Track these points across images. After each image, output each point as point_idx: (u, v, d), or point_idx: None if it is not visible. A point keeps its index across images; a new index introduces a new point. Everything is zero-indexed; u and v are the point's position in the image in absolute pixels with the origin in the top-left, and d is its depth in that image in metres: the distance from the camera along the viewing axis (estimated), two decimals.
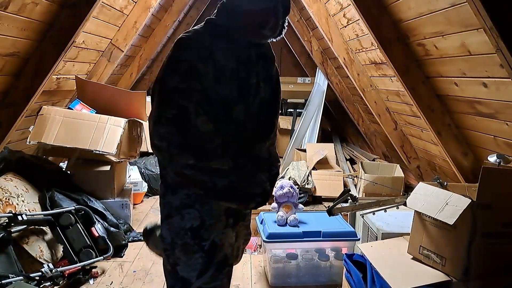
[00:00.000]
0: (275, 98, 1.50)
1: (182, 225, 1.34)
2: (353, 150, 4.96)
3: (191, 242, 1.34)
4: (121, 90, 3.70)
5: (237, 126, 1.34)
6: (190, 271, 1.35)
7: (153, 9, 3.45)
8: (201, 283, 1.36)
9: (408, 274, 1.71)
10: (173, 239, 1.36)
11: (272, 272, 2.45)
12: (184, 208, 1.34)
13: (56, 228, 2.37)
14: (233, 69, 1.30)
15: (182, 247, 1.35)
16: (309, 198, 3.40)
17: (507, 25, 1.45)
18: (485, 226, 1.58)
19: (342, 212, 2.24)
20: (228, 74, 1.29)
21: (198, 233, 1.34)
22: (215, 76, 1.26)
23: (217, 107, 1.28)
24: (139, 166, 4.02)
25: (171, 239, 1.36)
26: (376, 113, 3.38)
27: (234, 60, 1.31)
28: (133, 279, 2.46)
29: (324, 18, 3.34)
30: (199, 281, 1.35)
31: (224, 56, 1.28)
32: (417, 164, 3.20)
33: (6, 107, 2.50)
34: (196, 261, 1.35)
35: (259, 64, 1.40)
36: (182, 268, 1.36)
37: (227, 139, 1.30)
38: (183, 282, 1.37)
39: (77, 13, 2.36)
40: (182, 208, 1.35)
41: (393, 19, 2.26)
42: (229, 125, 1.31)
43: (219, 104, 1.28)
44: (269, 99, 1.44)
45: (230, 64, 1.29)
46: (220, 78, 1.27)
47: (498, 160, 1.79)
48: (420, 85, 2.33)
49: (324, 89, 4.75)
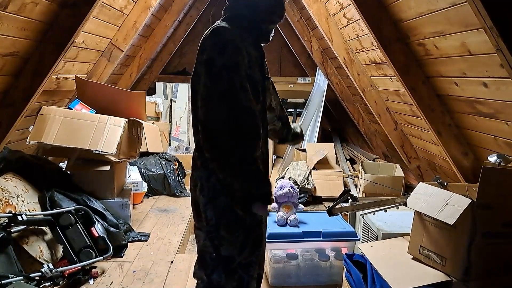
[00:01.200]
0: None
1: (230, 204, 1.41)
2: (353, 150, 4.96)
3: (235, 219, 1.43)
4: (121, 90, 3.70)
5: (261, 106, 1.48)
6: (233, 248, 1.44)
7: (153, 9, 3.45)
8: (242, 258, 1.45)
9: (408, 274, 1.71)
10: (218, 219, 1.43)
11: (272, 272, 2.45)
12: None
13: (56, 228, 2.37)
14: (256, 56, 1.45)
15: (226, 225, 1.43)
16: (309, 198, 3.40)
17: (507, 25, 1.45)
18: (485, 226, 1.58)
19: (342, 212, 2.24)
20: (254, 59, 1.43)
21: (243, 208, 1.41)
22: (248, 60, 1.38)
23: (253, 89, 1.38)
24: (139, 166, 4.02)
25: (216, 220, 1.43)
26: (376, 113, 3.37)
27: (254, 48, 1.46)
28: (133, 279, 2.45)
29: (324, 18, 3.34)
30: (240, 257, 1.45)
31: (248, 43, 1.43)
32: (417, 164, 3.20)
33: (6, 107, 2.50)
34: (239, 237, 1.44)
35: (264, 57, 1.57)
36: (226, 247, 1.44)
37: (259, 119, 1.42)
38: (226, 261, 1.45)
39: (77, 13, 2.36)
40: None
41: (393, 19, 2.26)
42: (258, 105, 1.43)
43: (254, 86, 1.40)
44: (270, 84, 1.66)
45: (253, 51, 1.44)
46: (250, 62, 1.39)
47: (498, 160, 1.79)
48: (420, 85, 2.33)
49: (324, 89, 4.75)
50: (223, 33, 1.38)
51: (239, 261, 1.44)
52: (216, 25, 1.41)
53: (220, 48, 1.34)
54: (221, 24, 1.41)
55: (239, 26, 1.43)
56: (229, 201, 1.40)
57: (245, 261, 1.46)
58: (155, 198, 4.00)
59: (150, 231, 3.15)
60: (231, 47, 1.34)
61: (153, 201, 3.90)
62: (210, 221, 1.44)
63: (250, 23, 1.47)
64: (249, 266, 1.47)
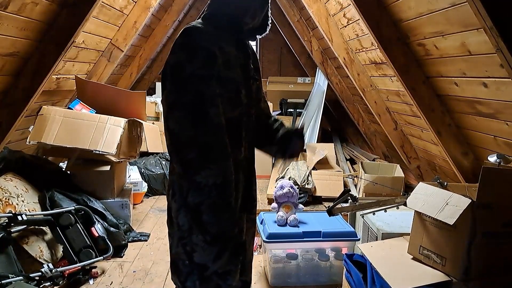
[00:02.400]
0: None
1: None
2: (353, 150, 4.96)
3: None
4: (121, 90, 3.70)
5: (245, 109, 1.41)
6: (207, 255, 1.36)
7: (153, 9, 3.45)
8: (217, 267, 1.37)
9: (408, 274, 1.71)
10: (190, 225, 1.37)
11: (272, 272, 2.45)
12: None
13: (56, 228, 2.37)
14: (237, 56, 1.38)
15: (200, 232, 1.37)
16: (309, 198, 3.39)
17: (507, 25, 1.45)
18: (485, 226, 1.58)
19: (342, 212, 2.24)
20: (234, 59, 1.35)
21: None
22: (224, 61, 1.30)
23: (230, 90, 1.33)
24: (139, 166, 4.02)
25: (188, 225, 1.37)
26: (376, 113, 3.37)
27: (234, 47, 1.38)
28: (133, 279, 2.45)
29: (324, 18, 3.34)
30: (215, 265, 1.37)
31: (226, 42, 1.34)
32: (417, 164, 3.20)
33: (6, 107, 2.50)
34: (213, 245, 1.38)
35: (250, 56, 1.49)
36: (199, 254, 1.37)
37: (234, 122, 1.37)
38: (199, 269, 1.38)
39: (77, 13, 2.36)
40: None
41: (393, 19, 2.26)
42: (239, 108, 1.38)
43: (231, 88, 1.34)
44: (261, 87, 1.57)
45: (233, 50, 1.36)
46: (228, 62, 1.32)
47: (498, 160, 1.79)
48: (420, 85, 2.33)
49: (324, 89, 4.75)
50: (194, 35, 1.28)
51: (214, 269, 1.37)
52: (188, 25, 1.31)
53: (189, 53, 1.25)
54: (194, 24, 1.32)
55: (217, 24, 1.35)
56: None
57: (222, 270, 1.38)
58: (155, 198, 4.00)
59: (150, 231, 3.15)
60: (203, 53, 1.25)
61: (153, 201, 3.90)
62: (183, 227, 1.38)
63: (229, 20, 1.38)
64: (227, 275, 1.39)
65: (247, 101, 1.41)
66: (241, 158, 1.43)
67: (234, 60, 1.35)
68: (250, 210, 1.55)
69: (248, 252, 1.58)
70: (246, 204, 1.50)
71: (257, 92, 1.51)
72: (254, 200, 1.59)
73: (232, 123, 1.36)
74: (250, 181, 1.52)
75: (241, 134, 1.41)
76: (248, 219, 1.54)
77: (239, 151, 1.41)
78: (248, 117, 1.44)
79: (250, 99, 1.43)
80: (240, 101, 1.37)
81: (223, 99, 1.30)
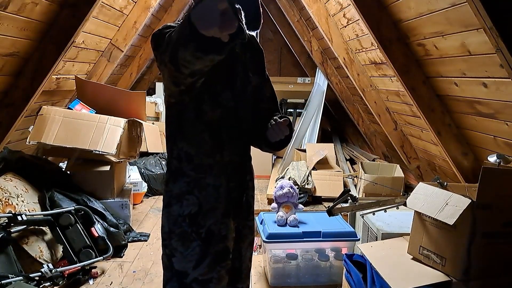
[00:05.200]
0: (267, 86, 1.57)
1: (181, 212, 1.36)
2: (353, 150, 4.96)
3: (188, 229, 1.36)
4: (121, 90, 3.70)
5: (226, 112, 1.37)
6: (187, 262, 1.36)
7: (153, 9, 3.45)
8: (198, 274, 1.35)
9: (408, 274, 1.71)
10: (170, 228, 1.38)
11: (272, 272, 2.45)
12: (184, 195, 1.37)
13: (56, 228, 2.37)
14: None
15: (180, 236, 1.36)
16: (309, 198, 3.39)
17: (507, 25, 1.45)
18: (485, 226, 1.58)
19: (342, 212, 2.24)
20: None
21: (195, 219, 1.36)
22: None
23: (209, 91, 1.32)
24: (139, 166, 4.02)
25: (168, 228, 1.38)
26: (376, 113, 3.37)
27: None
28: (133, 279, 2.45)
29: (324, 18, 3.34)
30: (196, 272, 1.35)
31: None
32: (417, 164, 3.20)
33: (6, 107, 2.50)
34: (193, 250, 1.36)
35: (245, 55, 1.43)
36: (179, 260, 1.37)
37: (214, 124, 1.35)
38: (179, 275, 1.37)
39: (77, 13, 2.36)
40: (181, 195, 1.37)
41: (393, 19, 2.26)
42: (216, 111, 1.35)
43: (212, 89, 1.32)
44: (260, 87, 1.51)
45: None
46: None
47: (498, 160, 1.79)
48: (420, 85, 2.33)
49: (324, 89, 4.74)
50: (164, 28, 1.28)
51: (195, 276, 1.35)
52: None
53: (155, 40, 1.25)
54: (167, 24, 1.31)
55: None
56: (181, 211, 1.35)
57: (203, 277, 1.36)
58: (155, 198, 4.00)
59: (150, 231, 3.15)
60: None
61: (153, 201, 3.90)
62: (164, 228, 1.39)
63: None
64: (208, 282, 1.37)
65: (233, 103, 1.38)
66: (224, 162, 1.39)
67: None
68: (246, 217, 1.51)
69: (244, 258, 1.54)
70: (237, 210, 1.45)
71: (255, 92, 1.47)
72: (250, 206, 1.54)
73: (212, 125, 1.35)
74: (242, 187, 1.47)
75: (221, 137, 1.37)
76: (244, 225, 1.50)
77: (219, 154, 1.38)
78: (234, 119, 1.40)
79: (238, 101, 1.39)
80: (220, 102, 1.35)
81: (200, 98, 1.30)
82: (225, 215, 1.40)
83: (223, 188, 1.39)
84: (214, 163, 1.37)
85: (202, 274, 1.36)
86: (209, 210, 1.37)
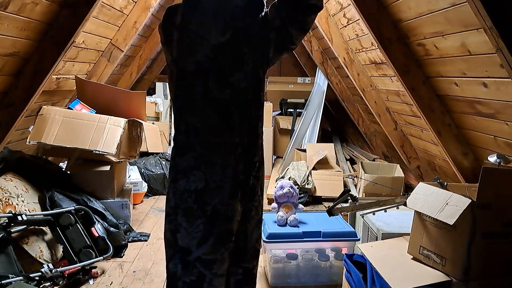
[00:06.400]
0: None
1: (187, 187, 1.35)
2: (353, 150, 4.96)
3: (194, 205, 1.35)
4: (121, 90, 3.70)
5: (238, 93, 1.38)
6: (191, 238, 1.35)
7: (153, 9, 3.45)
8: (201, 253, 1.35)
9: (408, 274, 1.71)
10: (176, 203, 1.37)
11: (272, 272, 2.45)
12: (191, 169, 1.36)
13: (56, 228, 2.37)
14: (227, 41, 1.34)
15: (185, 211, 1.36)
16: (309, 198, 3.39)
17: (507, 25, 1.45)
18: (485, 226, 1.58)
19: (342, 212, 2.24)
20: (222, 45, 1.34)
21: (201, 196, 1.35)
22: (213, 45, 1.33)
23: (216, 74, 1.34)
24: (139, 166, 4.02)
25: (174, 203, 1.37)
26: (376, 113, 3.37)
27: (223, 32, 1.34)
28: (133, 279, 2.45)
29: (324, 18, 3.35)
30: (199, 250, 1.35)
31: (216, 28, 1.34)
32: (417, 164, 3.20)
33: (6, 107, 2.50)
34: (198, 228, 1.35)
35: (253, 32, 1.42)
36: (183, 236, 1.36)
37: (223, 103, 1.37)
38: (183, 252, 1.36)
39: (77, 13, 2.36)
40: (188, 169, 1.36)
41: (393, 19, 2.26)
42: (225, 91, 1.36)
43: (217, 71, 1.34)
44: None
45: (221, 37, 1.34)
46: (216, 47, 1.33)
47: (498, 160, 1.79)
48: (420, 85, 2.33)
49: (324, 89, 4.75)
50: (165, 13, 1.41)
51: (198, 255, 1.34)
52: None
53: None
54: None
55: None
56: (188, 186, 1.35)
57: (206, 257, 1.35)
58: (155, 198, 4.00)
59: (150, 231, 3.15)
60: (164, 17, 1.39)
61: (153, 201, 3.90)
62: (170, 203, 1.39)
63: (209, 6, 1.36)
64: (212, 264, 1.36)
65: (245, 84, 1.38)
66: (234, 142, 1.38)
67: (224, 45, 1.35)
68: (252, 198, 1.50)
69: (250, 239, 1.53)
70: (244, 193, 1.44)
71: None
72: (254, 187, 1.51)
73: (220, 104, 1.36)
74: (249, 170, 1.45)
75: (231, 117, 1.37)
76: (251, 207, 1.49)
77: (228, 133, 1.38)
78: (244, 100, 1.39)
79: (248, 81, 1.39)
80: (231, 82, 1.36)
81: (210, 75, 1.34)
82: (232, 196, 1.39)
83: (230, 168, 1.38)
84: (221, 142, 1.37)
85: (206, 253, 1.35)
86: (215, 188, 1.36)
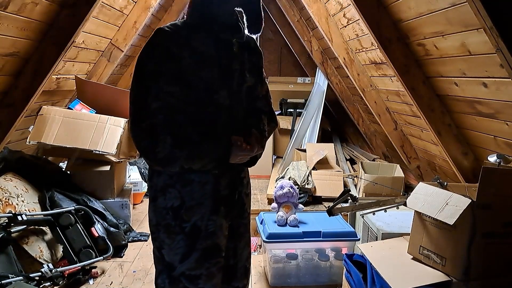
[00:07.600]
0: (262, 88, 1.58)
1: (164, 204, 1.38)
2: (353, 150, 4.96)
3: (172, 222, 1.37)
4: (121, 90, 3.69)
5: (221, 110, 1.38)
6: (174, 254, 1.38)
7: (153, 9, 3.45)
8: (185, 268, 1.37)
9: (408, 274, 1.71)
10: (157, 221, 1.40)
11: (272, 272, 2.45)
12: (167, 188, 1.38)
13: (56, 228, 2.37)
14: (213, 55, 1.35)
15: (165, 228, 1.38)
16: (309, 198, 3.39)
17: (507, 25, 1.45)
18: (485, 226, 1.58)
19: (342, 212, 2.24)
20: (208, 60, 1.35)
21: (178, 213, 1.37)
22: (195, 61, 1.32)
23: (199, 91, 1.34)
24: (139, 166, 4.02)
25: (156, 221, 1.40)
26: (376, 113, 3.37)
27: (213, 47, 1.36)
28: (133, 279, 2.45)
29: (324, 18, 3.34)
30: (183, 266, 1.37)
31: (201, 43, 1.34)
32: (417, 164, 3.20)
33: (6, 107, 2.50)
34: (178, 244, 1.37)
35: (243, 55, 1.45)
36: (167, 252, 1.39)
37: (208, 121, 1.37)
38: (168, 267, 1.39)
39: (77, 13, 2.36)
40: (165, 188, 1.38)
41: (393, 19, 2.26)
42: (209, 108, 1.36)
43: (201, 88, 1.34)
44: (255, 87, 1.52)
45: (209, 51, 1.35)
46: (200, 63, 1.33)
47: (498, 160, 1.79)
48: (420, 85, 2.33)
49: (324, 89, 4.74)
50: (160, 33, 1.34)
51: (182, 270, 1.36)
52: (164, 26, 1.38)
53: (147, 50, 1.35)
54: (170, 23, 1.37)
55: (192, 22, 1.36)
56: (165, 204, 1.37)
57: (190, 272, 1.36)
58: None
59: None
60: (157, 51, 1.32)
61: None
62: (152, 221, 1.42)
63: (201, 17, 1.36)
64: (197, 279, 1.37)
65: (229, 102, 1.39)
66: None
67: (209, 60, 1.34)
68: (240, 215, 1.52)
69: (240, 257, 1.54)
70: (229, 208, 1.45)
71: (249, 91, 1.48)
72: (244, 204, 1.53)
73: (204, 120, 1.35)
74: (234, 184, 1.46)
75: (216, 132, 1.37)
76: (239, 224, 1.51)
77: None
78: (228, 116, 1.40)
79: (233, 99, 1.40)
80: (214, 100, 1.36)
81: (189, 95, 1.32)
82: (213, 212, 1.40)
83: (209, 185, 1.39)
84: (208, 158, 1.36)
85: (189, 268, 1.37)
86: (194, 206, 1.37)
